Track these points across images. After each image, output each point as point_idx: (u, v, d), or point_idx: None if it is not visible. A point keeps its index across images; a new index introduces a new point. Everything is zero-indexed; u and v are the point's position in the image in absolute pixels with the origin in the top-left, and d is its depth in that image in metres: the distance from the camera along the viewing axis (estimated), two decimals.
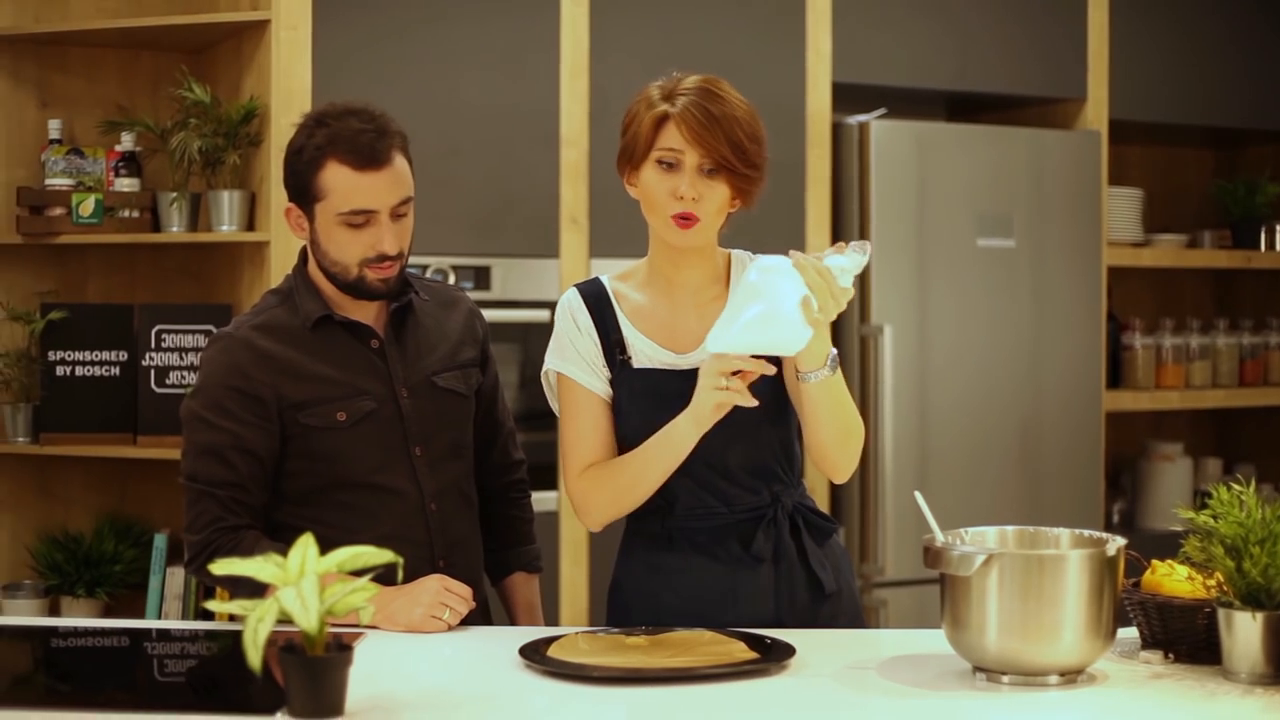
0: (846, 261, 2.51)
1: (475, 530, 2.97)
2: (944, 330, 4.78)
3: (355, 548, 2.12)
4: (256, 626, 2.01)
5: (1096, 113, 5.11)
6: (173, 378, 4.25)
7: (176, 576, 4.28)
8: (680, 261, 2.75)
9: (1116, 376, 5.35)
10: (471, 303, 3.03)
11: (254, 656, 1.99)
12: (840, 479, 2.75)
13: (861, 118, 4.72)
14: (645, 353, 2.75)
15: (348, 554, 2.11)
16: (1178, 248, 5.45)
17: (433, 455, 2.85)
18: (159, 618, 4.26)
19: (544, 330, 4.23)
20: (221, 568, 2.13)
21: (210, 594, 4.24)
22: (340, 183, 2.72)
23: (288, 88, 4.06)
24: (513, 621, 3.07)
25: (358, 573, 2.12)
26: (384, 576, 2.25)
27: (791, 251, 2.52)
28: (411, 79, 4.21)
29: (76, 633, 2.86)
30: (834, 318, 2.52)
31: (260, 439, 2.75)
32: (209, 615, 4.27)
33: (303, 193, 2.78)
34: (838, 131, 4.74)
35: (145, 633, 2.86)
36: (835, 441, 2.67)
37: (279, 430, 2.76)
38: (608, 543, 4.35)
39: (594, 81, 4.40)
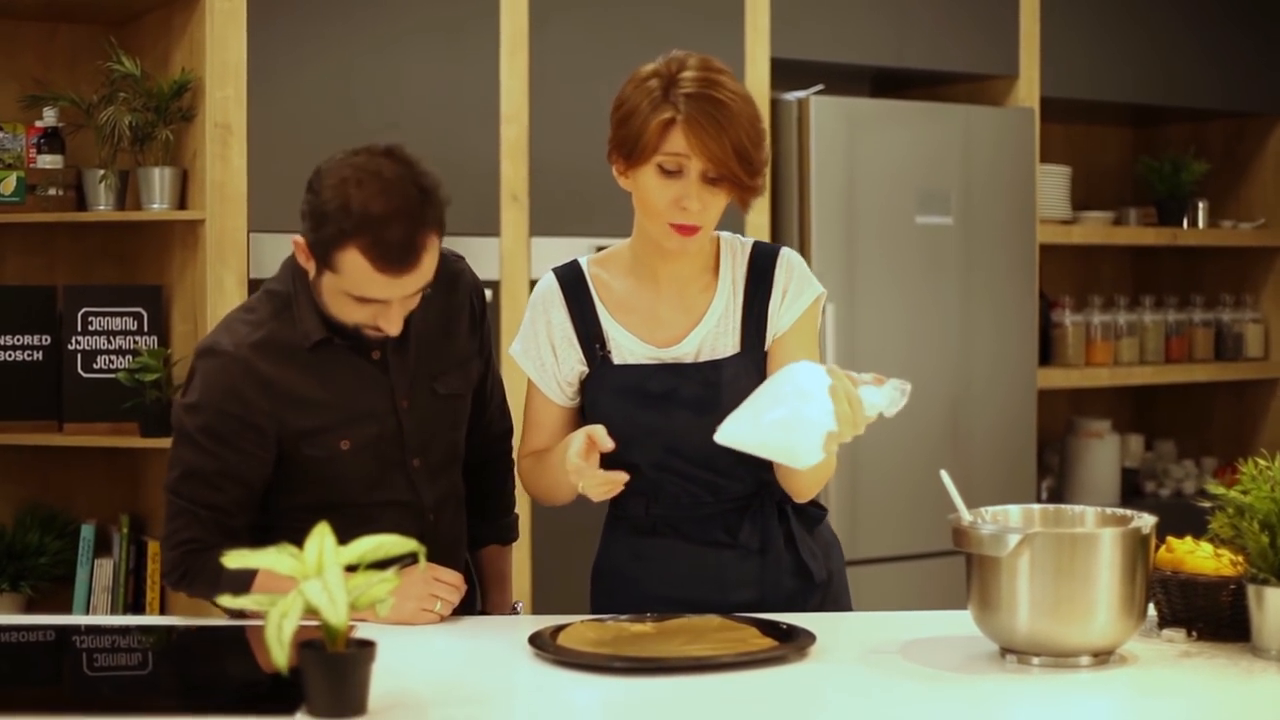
0: (881, 400, 2.35)
1: (464, 524, 2.86)
2: (880, 308, 4.74)
3: (377, 537, 2.02)
4: (281, 622, 1.90)
5: (1028, 90, 5.09)
6: (101, 362, 4.08)
7: (105, 569, 4.12)
8: (668, 255, 2.63)
9: (1045, 354, 5.35)
10: (472, 275, 2.85)
11: (279, 654, 1.88)
12: (800, 500, 2.68)
13: (800, 94, 4.66)
14: (626, 346, 2.65)
15: (370, 544, 2.01)
16: (1105, 225, 5.47)
17: (431, 464, 2.73)
18: (87, 612, 4.10)
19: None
20: (234, 560, 2.02)
21: (141, 589, 4.10)
22: (357, 272, 2.48)
23: (222, 61, 3.91)
24: (482, 592, 2.96)
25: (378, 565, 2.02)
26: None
27: (831, 368, 2.34)
28: (350, 52, 4.08)
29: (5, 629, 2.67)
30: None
31: (254, 468, 2.61)
32: (140, 608, 4.13)
33: (319, 251, 2.52)
34: (776, 108, 4.67)
35: (74, 628, 2.71)
36: (807, 485, 2.62)
37: (275, 456, 2.62)
38: (549, 526, 4.28)
39: (534, 56, 4.30)
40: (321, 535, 2.00)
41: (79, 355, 4.08)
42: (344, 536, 2.54)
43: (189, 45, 4.00)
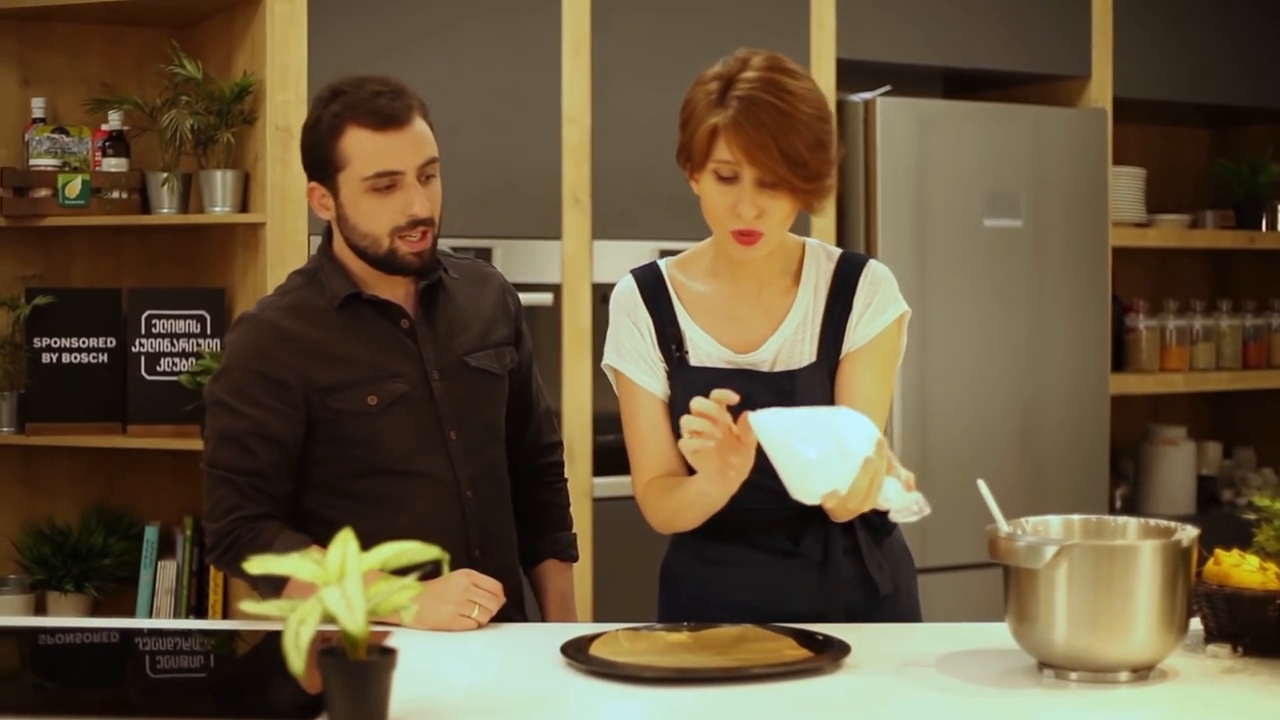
0: (896, 500, 2.30)
1: (510, 518, 2.86)
2: (948, 311, 4.68)
3: (400, 544, 2.00)
4: (299, 629, 1.88)
5: (1100, 90, 5.02)
6: (164, 365, 4.11)
7: (168, 570, 4.15)
8: (749, 258, 2.59)
9: (1120, 359, 5.27)
10: (503, 279, 2.92)
11: (296, 661, 1.87)
12: (833, 519, 2.59)
13: (866, 95, 4.61)
14: (704, 349, 2.62)
15: (392, 550, 1.99)
16: (1181, 228, 5.37)
17: (468, 440, 2.74)
18: (150, 614, 4.13)
19: (546, 313, 4.15)
20: (256, 566, 2.01)
21: (203, 590, 4.12)
22: (361, 147, 2.61)
23: (283, 64, 3.93)
24: (542, 612, 2.94)
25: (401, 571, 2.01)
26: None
27: (881, 441, 2.27)
28: (410, 55, 4.08)
29: (65, 630, 2.71)
30: (848, 513, 2.38)
31: (284, 426, 2.64)
32: (202, 611, 4.15)
33: (323, 165, 2.66)
34: (842, 109, 4.63)
35: (137, 630, 2.72)
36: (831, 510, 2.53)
37: (305, 416, 2.65)
38: (611, 532, 4.27)
39: (595, 58, 4.28)
40: (345, 541, 1.98)
41: (142, 358, 4.12)
42: (380, 510, 2.68)
43: (250, 48, 4.02)
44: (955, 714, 2.09)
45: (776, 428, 2.30)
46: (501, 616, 2.64)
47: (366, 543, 2.13)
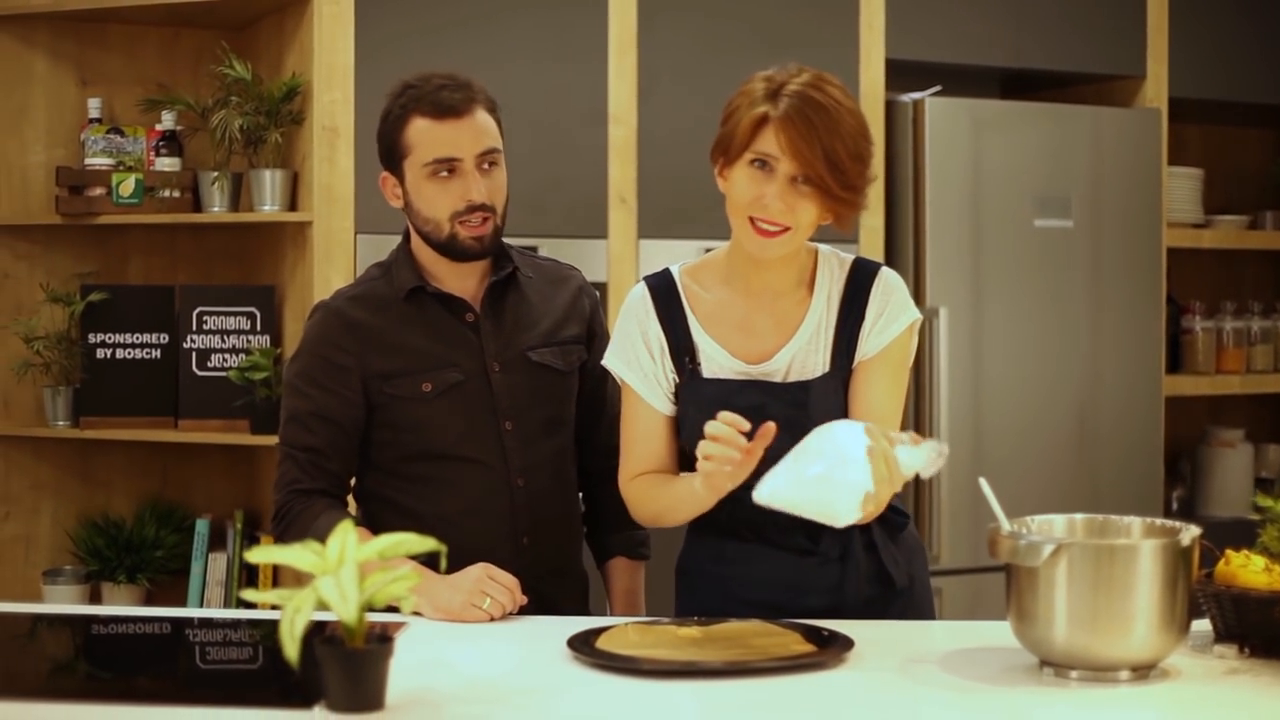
0: (917, 461, 2.34)
1: (571, 512, 2.93)
2: (1000, 313, 4.67)
3: (397, 535, 2.04)
4: (294, 617, 1.93)
5: (1155, 90, 4.98)
6: (214, 360, 4.19)
7: (218, 563, 4.22)
8: (761, 264, 2.60)
9: (1176, 361, 5.23)
10: (583, 280, 2.99)
11: (291, 648, 1.91)
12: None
13: (915, 95, 4.61)
14: (716, 360, 2.63)
15: (389, 541, 2.03)
16: (1239, 229, 5.33)
17: (525, 431, 2.82)
18: (201, 605, 4.20)
19: None
20: (258, 555, 2.06)
21: (253, 582, 4.19)
22: (423, 135, 2.75)
23: (330, 64, 3.98)
24: (610, 609, 3.00)
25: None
26: (432, 562, 2.19)
27: (869, 428, 2.30)
28: (456, 55, 4.10)
29: (119, 620, 2.81)
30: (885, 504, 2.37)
31: (341, 407, 2.79)
32: (252, 603, 4.21)
33: (392, 154, 2.81)
34: (891, 109, 4.63)
35: (187, 621, 2.79)
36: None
37: (363, 400, 2.80)
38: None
39: (642, 58, 4.30)
40: (344, 532, 2.02)
41: (194, 354, 4.19)
42: (432, 492, 2.79)
43: (299, 50, 4.07)
44: (953, 710, 2.10)
45: (780, 487, 2.31)
46: (559, 609, 2.74)
47: (418, 523, 2.33)
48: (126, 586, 4.22)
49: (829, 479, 2.28)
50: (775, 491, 2.32)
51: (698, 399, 2.61)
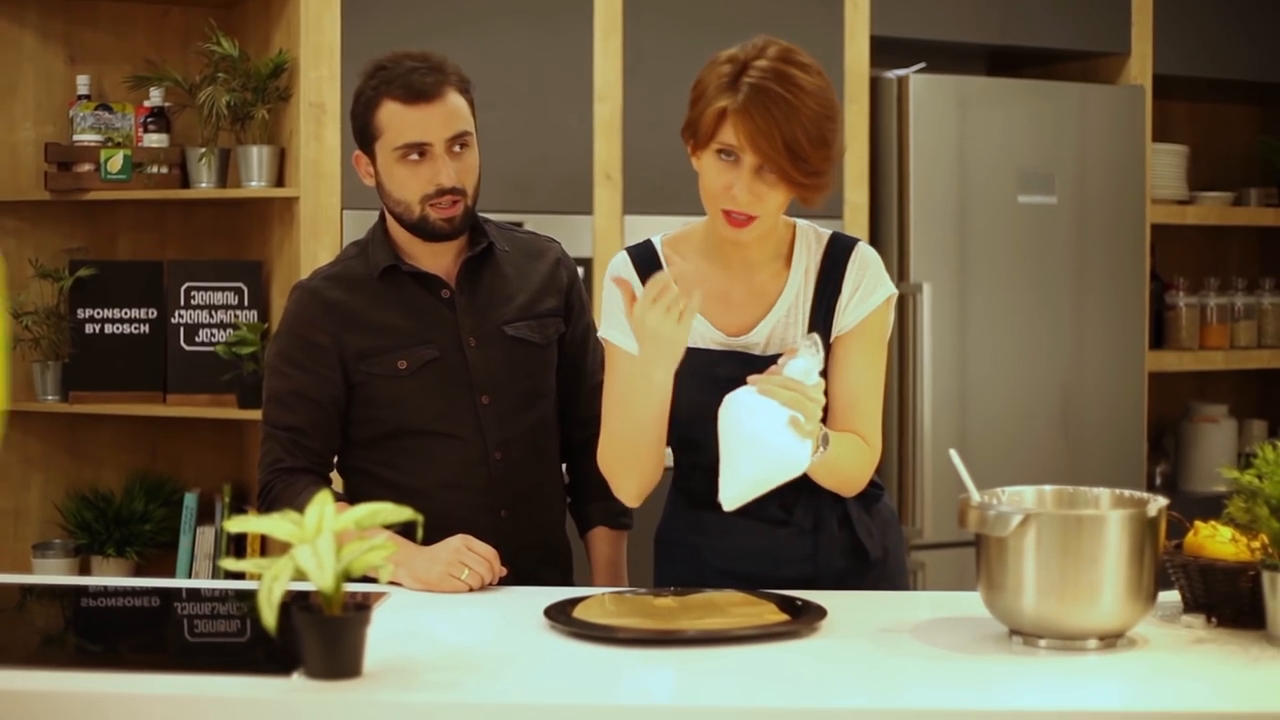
0: (805, 362, 2.41)
1: (551, 483, 2.96)
2: (984, 289, 4.69)
3: (373, 504, 2.07)
4: (271, 585, 1.96)
5: (1140, 67, 5.00)
6: (202, 335, 4.21)
7: (206, 536, 4.26)
8: (738, 241, 2.63)
9: (1160, 337, 5.26)
10: (561, 252, 3.01)
11: (269, 616, 1.95)
12: (851, 494, 2.70)
13: (900, 72, 4.63)
14: (697, 330, 2.64)
15: (365, 511, 2.07)
16: (1223, 205, 5.35)
17: (502, 405, 2.85)
18: (189, 577, 4.23)
19: None
20: (237, 525, 2.09)
21: (241, 555, 4.22)
22: (393, 119, 2.77)
23: (316, 42, 4.00)
24: (592, 578, 3.03)
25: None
26: (407, 531, 2.23)
27: (750, 378, 2.40)
28: (442, 33, 4.14)
29: (106, 592, 2.84)
30: (820, 416, 2.43)
31: (320, 387, 2.82)
32: (240, 574, 4.24)
33: (364, 135, 2.83)
34: (876, 86, 4.65)
35: (175, 592, 2.84)
36: (846, 482, 2.65)
37: (342, 378, 2.83)
38: None
39: (627, 36, 4.32)
40: (321, 503, 2.05)
41: (181, 329, 4.22)
42: (411, 466, 2.82)
43: (286, 27, 4.09)
44: (922, 678, 2.13)
45: (736, 487, 2.44)
46: (541, 580, 2.78)
47: (398, 496, 2.31)
48: (115, 560, 4.25)
49: (762, 451, 2.39)
50: (734, 494, 2.44)
51: (679, 367, 2.63)
